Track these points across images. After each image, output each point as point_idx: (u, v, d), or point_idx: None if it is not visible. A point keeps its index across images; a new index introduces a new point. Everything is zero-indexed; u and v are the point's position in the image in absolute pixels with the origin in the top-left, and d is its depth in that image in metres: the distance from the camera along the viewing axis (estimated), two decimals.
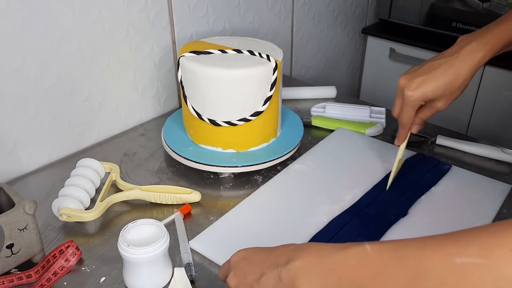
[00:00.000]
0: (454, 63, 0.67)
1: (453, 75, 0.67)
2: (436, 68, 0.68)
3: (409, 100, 0.69)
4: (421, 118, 0.73)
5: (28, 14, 0.75)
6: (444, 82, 0.67)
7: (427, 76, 0.68)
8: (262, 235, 0.69)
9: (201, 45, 0.85)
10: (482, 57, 0.67)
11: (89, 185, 0.75)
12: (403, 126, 0.74)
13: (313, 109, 1.04)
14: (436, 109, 0.71)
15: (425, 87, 0.68)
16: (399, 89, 0.71)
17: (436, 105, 0.70)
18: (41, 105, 0.82)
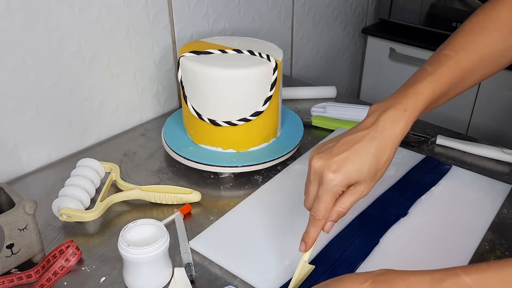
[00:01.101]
0: (375, 135, 0.56)
1: (377, 149, 0.56)
2: (355, 143, 0.57)
3: (331, 185, 0.55)
4: (338, 211, 0.58)
5: (28, 14, 0.75)
6: (368, 159, 0.56)
7: (347, 153, 0.56)
8: (262, 235, 0.69)
9: (201, 45, 0.86)
10: (403, 127, 0.57)
11: (89, 185, 0.76)
12: (316, 223, 0.58)
13: (313, 109, 1.04)
14: (359, 195, 0.57)
15: (348, 167, 0.55)
16: (313, 173, 0.58)
17: (359, 189, 0.57)
18: (41, 105, 0.82)
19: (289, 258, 0.65)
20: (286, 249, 0.66)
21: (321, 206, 0.57)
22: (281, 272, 0.62)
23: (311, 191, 0.59)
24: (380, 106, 0.59)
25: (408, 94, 0.59)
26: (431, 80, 0.60)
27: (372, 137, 0.56)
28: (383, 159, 0.56)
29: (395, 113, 0.57)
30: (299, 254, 0.65)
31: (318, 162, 0.57)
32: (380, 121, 0.57)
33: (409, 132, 0.93)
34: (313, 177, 0.58)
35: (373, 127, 0.57)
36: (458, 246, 0.67)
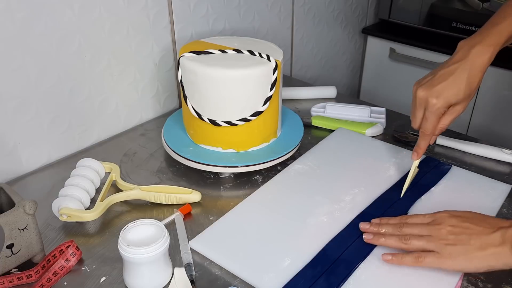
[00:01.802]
0: (466, 67, 0.71)
1: (468, 79, 0.70)
2: (451, 74, 0.71)
3: (434, 108, 0.71)
4: (441, 127, 0.74)
5: (28, 14, 0.75)
6: (463, 85, 0.70)
7: (446, 83, 0.71)
8: (262, 234, 0.69)
9: (201, 45, 0.86)
10: (488, 59, 0.71)
11: (89, 185, 0.76)
12: (426, 137, 0.74)
13: (313, 109, 1.04)
14: (457, 113, 0.73)
15: (447, 93, 0.70)
16: (419, 100, 0.72)
17: (457, 109, 0.72)
18: (41, 105, 0.82)
19: (289, 258, 0.65)
20: (286, 249, 0.66)
21: (429, 125, 0.72)
22: (281, 272, 0.62)
23: (418, 115, 0.73)
24: (468, 43, 0.72)
25: (492, 32, 0.72)
26: (510, 22, 0.72)
27: (463, 69, 0.70)
28: (474, 84, 0.71)
29: (481, 48, 0.71)
30: (299, 254, 0.65)
31: (422, 92, 0.71)
32: (470, 55, 0.71)
33: (409, 132, 0.93)
34: (419, 104, 0.72)
35: (464, 60, 0.71)
36: None
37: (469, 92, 0.71)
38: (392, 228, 0.65)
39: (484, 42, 0.71)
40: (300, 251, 0.66)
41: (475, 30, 1.36)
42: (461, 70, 0.71)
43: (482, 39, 0.72)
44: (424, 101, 0.71)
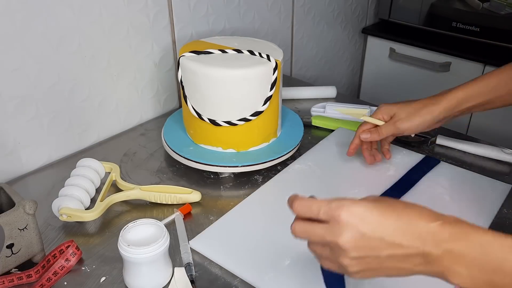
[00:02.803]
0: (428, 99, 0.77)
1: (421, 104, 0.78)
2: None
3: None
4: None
5: (28, 14, 0.75)
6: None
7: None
8: (262, 234, 0.69)
9: (201, 45, 0.86)
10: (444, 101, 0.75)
11: (89, 185, 0.76)
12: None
13: (313, 109, 1.04)
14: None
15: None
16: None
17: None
18: (41, 105, 0.82)
19: (289, 258, 0.65)
20: (286, 249, 0.66)
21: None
22: (281, 272, 0.62)
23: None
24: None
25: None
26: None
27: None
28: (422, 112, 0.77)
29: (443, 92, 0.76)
30: (299, 254, 0.65)
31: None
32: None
33: None
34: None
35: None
36: None
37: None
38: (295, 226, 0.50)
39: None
40: (300, 251, 0.66)
41: (475, 30, 1.38)
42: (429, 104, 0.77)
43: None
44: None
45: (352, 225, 0.44)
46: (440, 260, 0.43)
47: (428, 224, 0.44)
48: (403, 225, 0.44)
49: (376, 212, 0.45)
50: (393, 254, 0.44)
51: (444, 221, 0.44)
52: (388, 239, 0.44)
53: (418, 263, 0.44)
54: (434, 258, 0.43)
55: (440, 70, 1.45)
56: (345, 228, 0.44)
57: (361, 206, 0.45)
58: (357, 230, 0.44)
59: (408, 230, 0.44)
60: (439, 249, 0.43)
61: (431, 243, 0.43)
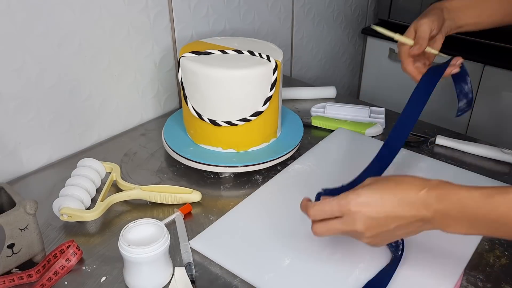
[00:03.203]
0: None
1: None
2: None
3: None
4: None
5: (29, 15, 0.76)
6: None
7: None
8: (262, 234, 0.69)
9: (201, 46, 0.86)
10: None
11: (90, 185, 0.76)
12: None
13: (313, 109, 1.04)
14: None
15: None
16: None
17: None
18: (42, 105, 0.83)
19: (289, 258, 0.65)
20: (286, 249, 0.66)
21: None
22: (281, 272, 0.63)
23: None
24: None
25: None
26: None
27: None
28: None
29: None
30: (299, 254, 0.65)
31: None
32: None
33: None
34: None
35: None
36: (457, 246, 0.67)
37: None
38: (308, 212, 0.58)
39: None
40: (300, 251, 0.66)
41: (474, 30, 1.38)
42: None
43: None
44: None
45: (361, 213, 0.55)
46: (433, 220, 0.54)
47: (417, 194, 0.54)
48: (399, 199, 0.54)
49: (376, 196, 0.55)
50: (399, 224, 0.55)
51: (429, 187, 0.54)
52: (391, 215, 0.54)
53: (419, 225, 0.55)
54: (429, 219, 0.54)
55: None
56: (357, 217, 0.55)
57: (364, 196, 0.55)
58: (366, 216, 0.55)
59: (403, 203, 0.54)
60: (429, 211, 0.53)
61: (423, 209, 0.54)
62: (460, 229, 0.53)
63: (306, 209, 0.58)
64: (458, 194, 0.53)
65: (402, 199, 0.54)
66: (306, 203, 0.59)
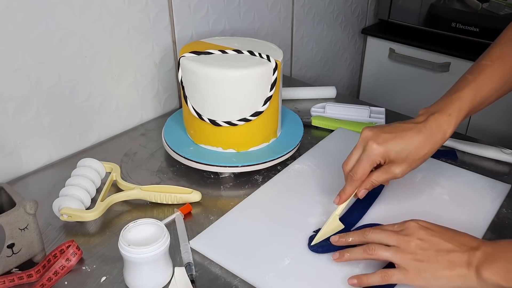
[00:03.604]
0: (423, 130, 0.65)
1: (420, 143, 0.65)
2: (405, 130, 0.66)
3: (372, 153, 0.65)
4: (372, 181, 0.67)
5: (29, 14, 0.76)
6: (410, 145, 0.65)
7: (395, 134, 0.65)
8: (262, 234, 0.69)
9: (201, 46, 0.86)
10: (447, 130, 0.65)
11: (90, 185, 0.76)
12: (353, 182, 0.67)
13: (313, 109, 1.04)
14: (392, 175, 0.66)
15: (391, 144, 0.64)
16: (361, 140, 0.67)
17: (393, 170, 0.66)
18: (41, 105, 0.83)
19: (289, 258, 0.65)
20: (286, 249, 0.66)
21: (359, 169, 0.66)
22: (281, 272, 0.63)
23: (353, 155, 0.68)
24: (428, 110, 0.67)
25: (452, 100, 0.67)
26: (472, 87, 0.68)
27: (419, 131, 0.65)
28: (422, 152, 0.65)
29: (440, 117, 0.65)
30: (299, 254, 0.65)
31: (368, 132, 0.66)
32: (429, 121, 0.65)
33: None
34: (360, 144, 0.67)
35: (422, 123, 0.65)
36: None
37: (414, 157, 0.65)
38: (358, 236, 0.62)
39: (443, 111, 0.66)
40: (300, 251, 0.66)
41: (474, 31, 1.38)
42: (417, 130, 0.65)
43: (442, 107, 0.66)
44: (365, 142, 0.66)
45: (419, 223, 0.60)
46: (479, 250, 0.56)
47: (473, 239, 0.59)
48: (457, 233, 0.59)
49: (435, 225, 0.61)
50: (447, 248, 0.57)
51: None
52: (445, 235, 0.58)
53: (462, 261, 0.56)
54: (475, 249, 0.56)
55: (440, 70, 1.45)
56: (413, 224, 0.60)
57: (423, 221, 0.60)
58: (423, 225, 0.59)
59: (459, 235, 0.60)
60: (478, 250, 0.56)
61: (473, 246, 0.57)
62: (501, 268, 0.53)
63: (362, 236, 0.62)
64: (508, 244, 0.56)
65: (459, 234, 0.59)
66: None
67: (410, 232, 0.58)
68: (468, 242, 0.57)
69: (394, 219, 0.70)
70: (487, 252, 0.54)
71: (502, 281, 0.52)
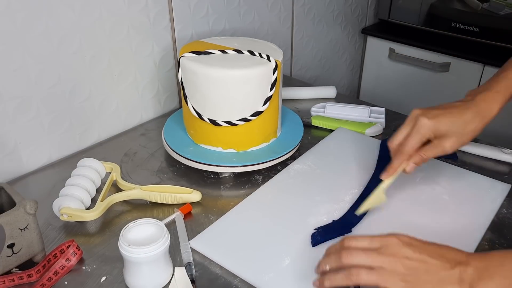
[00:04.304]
0: (470, 107, 0.68)
1: (468, 117, 0.67)
2: (453, 107, 0.68)
3: (422, 127, 0.67)
4: (421, 156, 0.68)
5: (29, 14, 0.76)
6: (459, 120, 0.67)
7: (443, 111, 0.68)
8: (262, 234, 0.69)
9: (201, 45, 0.86)
10: (495, 106, 0.68)
11: (90, 184, 0.76)
12: (401, 156, 0.68)
13: (313, 109, 1.04)
14: (442, 149, 0.67)
15: (441, 118, 0.67)
16: (410, 117, 0.69)
17: (444, 143, 0.67)
18: (42, 105, 0.83)
19: (289, 258, 0.65)
20: (286, 249, 0.66)
21: (409, 142, 0.67)
22: (281, 272, 0.63)
23: (402, 131, 0.69)
24: (476, 90, 0.70)
25: (499, 80, 0.70)
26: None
27: (467, 107, 0.67)
28: (471, 127, 0.67)
29: (489, 94, 0.68)
30: (299, 254, 0.65)
31: (417, 111, 0.68)
32: (476, 98, 0.68)
33: None
34: (409, 121, 0.69)
35: (470, 101, 0.68)
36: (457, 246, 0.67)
37: (463, 131, 0.67)
38: (335, 261, 0.55)
39: (491, 89, 0.69)
40: (300, 251, 0.66)
41: (474, 30, 1.38)
42: (465, 107, 0.68)
43: (490, 86, 0.69)
44: (415, 118, 0.68)
45: (400, 236, 0.54)
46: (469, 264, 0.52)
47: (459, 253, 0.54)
48: (441, 247, 0.54)
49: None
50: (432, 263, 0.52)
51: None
52: (429, 248, 0.54)
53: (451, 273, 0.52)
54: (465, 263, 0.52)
55: (440, 70, 1.45)
56: (394, 238, 0.54)
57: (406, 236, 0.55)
58: (405, 238, 0.54)
59: (444, 250, 0.54)
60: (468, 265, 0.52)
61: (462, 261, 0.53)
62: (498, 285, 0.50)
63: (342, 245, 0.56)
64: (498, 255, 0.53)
65: (444, 248, 0.54)
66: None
67: (393, 251, 0.53)
68: (455, 256, 0.53)
69: (394, 219, 0.70)
70: (479, 268, 0.51)
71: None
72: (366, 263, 0.53)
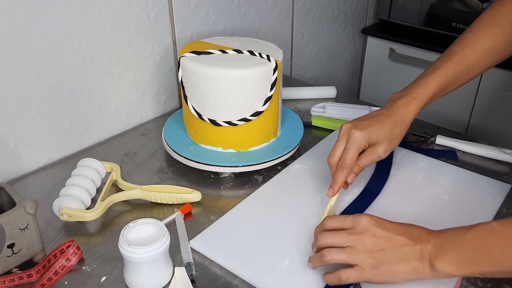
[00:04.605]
0: (391, 113, 0.73)
1: (392, 124, 0.73)
2: (378, 115, 0.74)
3: (357, 139, 0.71)
4: (359, 165, 0.72)
5: (29, 14, 0.76)
6: (385, 127, 0.72)
7: (370, 121, 0.73)
8: (263, 234, 0.69)
9: (201, 45, 0.86)
10: (411, 111, 0.74)
11: (90, 184, 0.76)
12: (343, 170, 0.71)
13: (313, 109, 1.04)
14: (377, 155, 0.72)
15: (371, 128, 0.72)
16: (342, 132, 0.73)
17: (377, 150, 0.72)
18: (42, 105, 0.83)
19: (289, 258, 0.65)
20: (286, 249, 0.66)
21: (348, 156, 0.71)
22: (281, 272, 0.63)
23: (338, 148, 0.73)
24: (397, 95, 0.77)
25: (418, 85, 0.76)
26: (438, 74, 0.75)
27: (389, 114, 0.73)
28: (396, 131, 0.73)
29: (406, 100, 0.74)
30: (299, 254, 0.65)
31: (347, 125, 0.73)
32: (396, 104, 0.74)
33: (409, 132, 0.93)
34: (342, 136, 0.73)
35: (390, 108, 0.74)
36: None
37: (391, 135, 0.72)
38: (314, 243, 0.63)
39: (409, 95, 0.75)
40: (300, 251, 0.66)
41: None
42: (385, 115, 0.73)
43: (408, 91, 0.75)
44: (347, 132, 0.72)
45: (369, 217, 0.59)
46: (429, 242, 0.57)
47: (421, 229, 0.59)
48: (406, 225, 0.59)
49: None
50: (398, 242, 0.57)
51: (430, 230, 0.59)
52: (397, 227, 0.59)
53: (414, 248, 0.57)
54: (426, 241, 0.57)
55: None
56: (364, 218, 0.59)
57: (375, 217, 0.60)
58: (373, 219, 0.59)
59: (409, 227, 0.60)
60: (429, 243, 0.57)
61: (424, 239, 0.58)
62: (452, 259, 0.55)
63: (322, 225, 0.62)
64: (456, 230, 0.57)
65: (410, 226, 0.59)
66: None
67: (362, 229, 0.58)
68: (419, 234, 0.58)
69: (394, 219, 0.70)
70: (436, 244, 0.56)
71: (454, 271, 0.55)
72: (337, 243, 0.59)
